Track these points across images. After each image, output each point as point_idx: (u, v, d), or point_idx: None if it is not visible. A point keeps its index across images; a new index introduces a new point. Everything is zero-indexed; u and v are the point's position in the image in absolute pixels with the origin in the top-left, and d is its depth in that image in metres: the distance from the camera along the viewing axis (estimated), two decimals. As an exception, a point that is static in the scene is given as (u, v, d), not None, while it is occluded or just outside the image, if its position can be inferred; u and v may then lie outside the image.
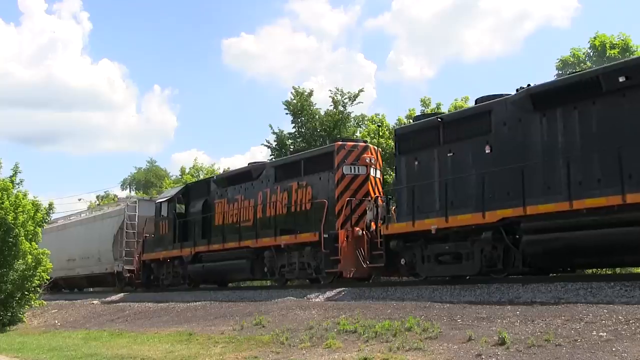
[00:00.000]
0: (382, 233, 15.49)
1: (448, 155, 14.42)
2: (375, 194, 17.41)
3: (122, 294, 25.30)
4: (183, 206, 23.32)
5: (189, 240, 22.26)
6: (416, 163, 15.19)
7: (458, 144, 14.27)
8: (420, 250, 14.65)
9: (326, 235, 16.51)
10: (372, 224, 16.38)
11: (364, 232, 16.43)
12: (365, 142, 18.94)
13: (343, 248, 16.28)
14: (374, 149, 18.43)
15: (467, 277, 14.12)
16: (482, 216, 13.18)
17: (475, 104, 14.80)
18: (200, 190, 22.95)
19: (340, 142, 17.99)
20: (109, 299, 24.62)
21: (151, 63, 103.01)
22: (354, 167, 17.44)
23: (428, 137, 14.94)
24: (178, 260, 22.88)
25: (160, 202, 24.51)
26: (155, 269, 24.60)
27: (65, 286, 33.73)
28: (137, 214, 27.39)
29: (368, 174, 17.57)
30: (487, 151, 13.66)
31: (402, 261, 15.02)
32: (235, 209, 20.63)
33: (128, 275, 26.50)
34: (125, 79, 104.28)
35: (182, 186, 24.50)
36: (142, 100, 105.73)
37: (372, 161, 17.74)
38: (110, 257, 27.67)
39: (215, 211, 21.54)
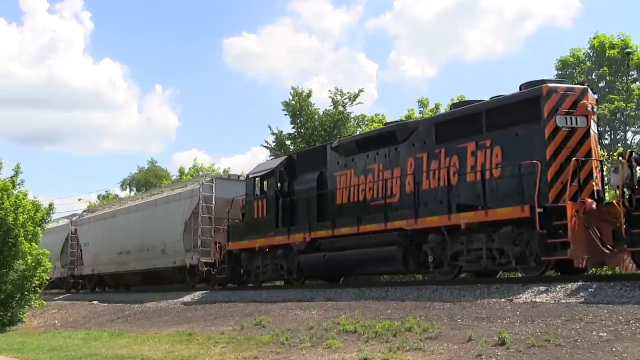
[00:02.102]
0: None
1: None
2: (597, 153, 13.35)
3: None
4: (286, 182, 18.75)
5: (300, 223, 17.69)
6: None
7: None
8: None
9: (540, 210, 12.06)
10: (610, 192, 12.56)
11: (618, 203, 11.89)
12: (583, 83, 14.06)
13: (572, 227, 11.88)
14: (592, 95, 13.67)
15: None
16: None
17: None
18: (311, 161, 18.30)
19: (550, 84, 13.17)
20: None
21: (152, 63, 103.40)
22: (571, 118, 12.85)
23: None
24: (282, 249, 18.19)
25: (254, 178, 19.64)
26: (245, 261, 19.63)
27: (113, 284, 29.88)
28: (213, 194, 22.15)
29: (588, 127, 12.96)
30: None
31: None
32: (369, 181, 16.07)
33: (205, 269, 21.62)
34: (127, 78, 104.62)
35: (283, 157, 19.77)
36: (144, 100, 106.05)
37: (594, 109, 13.25)
38: (179, 248, 22.51)
39: (337, 186, 17.02)
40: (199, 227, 21.73)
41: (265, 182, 19.22)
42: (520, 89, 14.11)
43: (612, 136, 35.51)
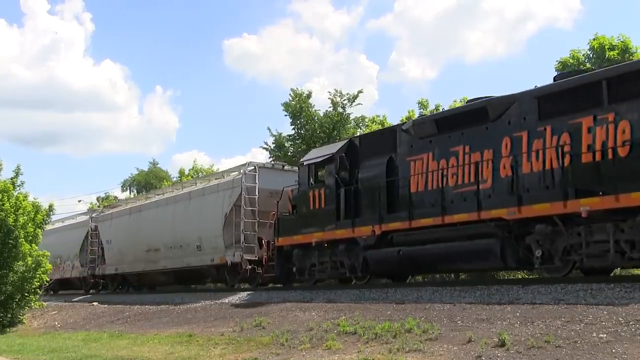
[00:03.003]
0: None
1: None
2: None
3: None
4: (347, 169, 16.54)
5: (367, 215, 15.63)
6: None
7: None
8: None
9: None
10: None
11: None
12: None
13: None
14: None
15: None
16: None
17: None
18: (377, 145, 16.07)
19: None
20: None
21: (153, 64, 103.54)
22: None
23: None
24: (345, 244, 16.20)
25: (309, 165, 17.49)
26: (298, 258, 17.73)
27: (138, 284, 27.54)
28: (257, 185, 20.09)
29: None
30: None
31: None
32: (452, 166, 14.00)
33: (249, 267, 19.53)
34: (128, 80, 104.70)
35: (343, 141, 17.59)
36: (144, 101, 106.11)
37: None
38: (218, 244, 20.57)
39: (410, 172, 14.90)
40: (242, 221, 19.66)
41: (322, 170, 17.24)
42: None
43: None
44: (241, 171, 20.51)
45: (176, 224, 22.92)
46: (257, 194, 19.91)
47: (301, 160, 18.52)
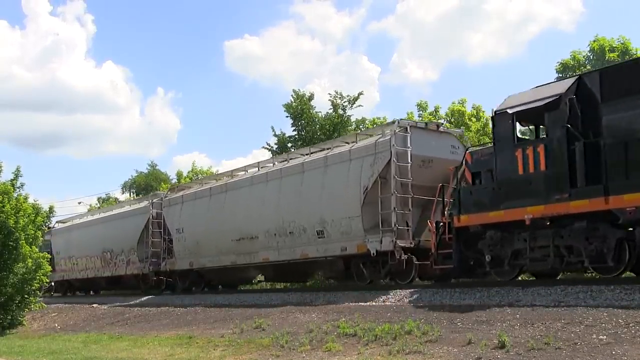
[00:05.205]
0: None
1: None
2: None
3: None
4: (579, 117, 11.65)
5: (622, 177, 10.79)
6: None
7: None
8: None
9: None
10: None
11: None
12: None
13: None
14: None
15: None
16: None
17: None
18: (633, 80, 11.03)
19: None
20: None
21: (155, 66, 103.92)
22: None
23: None
24: (583, 220, 11.47)
25: (515, 114, 12.50)
26: (491, 244, 12.98)
27: (219, 282, 23.09)
28: (409, 149, 15.46)
29: None
30: None
31: None
32: None
33: (404, 257, 14.92)
34: (129, 82, 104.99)
35: (571, 79, 12.34)
36: (146, 103, 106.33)
37: None
38: (354, 228, 15.90)
39: None
40: (393, 197, 15.10)
41: (525, 122, 13.33)
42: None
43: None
44: (389, 131, 15.80)
45: (283, 204, 18.15)
46: (409, 161, 15.41)
47: (497, 108, 13.22)
